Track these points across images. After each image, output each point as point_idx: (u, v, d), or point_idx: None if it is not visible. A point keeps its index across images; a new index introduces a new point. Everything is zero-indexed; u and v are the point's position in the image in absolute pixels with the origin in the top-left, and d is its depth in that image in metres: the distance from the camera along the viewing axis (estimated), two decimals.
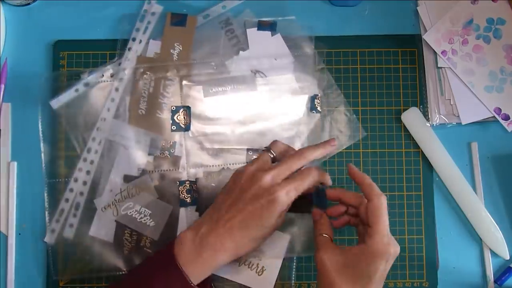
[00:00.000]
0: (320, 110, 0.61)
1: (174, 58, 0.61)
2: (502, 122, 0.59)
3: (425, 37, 0.61)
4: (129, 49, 0.61)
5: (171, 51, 0.61)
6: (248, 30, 0.62)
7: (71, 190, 0.60)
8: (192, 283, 0.48)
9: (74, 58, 0.63)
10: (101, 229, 0.59)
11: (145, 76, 0.61)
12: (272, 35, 0.62)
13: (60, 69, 0.63)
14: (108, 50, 0.62)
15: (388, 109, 0.63)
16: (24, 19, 0.65)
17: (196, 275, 0.48)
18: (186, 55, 0.61)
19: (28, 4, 0.65)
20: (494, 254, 0.60)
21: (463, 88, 0.61)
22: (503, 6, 0.62)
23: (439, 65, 0.61)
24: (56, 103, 0.61)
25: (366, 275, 0.46)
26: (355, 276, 0.46)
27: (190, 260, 0.48)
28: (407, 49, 0.64)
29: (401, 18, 0.64)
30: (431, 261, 0.61)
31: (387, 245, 0.47)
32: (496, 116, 0.60)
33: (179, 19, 0.62)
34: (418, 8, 0.63)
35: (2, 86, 0.63)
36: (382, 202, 0.48)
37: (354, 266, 0.47)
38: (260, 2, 0.64)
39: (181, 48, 0.61)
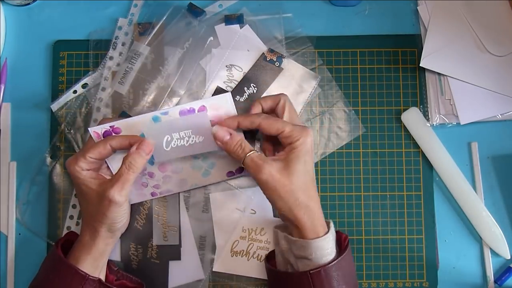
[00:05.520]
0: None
1: (148, 67, 0.61)
2: None
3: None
4: (111, 57, 0.62)
5: (145, 61, 0.61)
6: (216, 27, 0.62)
7: (74, 206, 0.61)
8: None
9: (74, 58, 0.63)
10: None
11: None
12: (240, 27, 0.62)
13: (60, 70, 0.63)
14: (108, 50, 0.62)
15: (388, 109, 0.63)
16: (24, 19, 0.65)
17: None
18: (158, 62, 0.61)
19: (28, 4, 0.65)
20: (494, 254, 0.60)
21: (462, 88, 0.61)
22: (503, 6, 0.62)
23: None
24: (55, 104, 0.61)
25: (307, 160, 0.51)
26: (301, 169, 0.50)
27: None
28: (407, 49, 0.64)
29: (401, 18, 0.64)
30: (431, 261, 0.61)
31: (304, 127, 0.51)
32: None
33: (146, 28, 0.62)
34: (418, 8, 0.63)
35: (2, 86, 0.63)
36: (285, 98, 0.54)
37: (295, 160, 0.50)
38: (258, 2, 0.64)
39: (153, 56, 0.61)
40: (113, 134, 0.53)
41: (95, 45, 0.63)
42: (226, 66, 0.61)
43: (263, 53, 0.61)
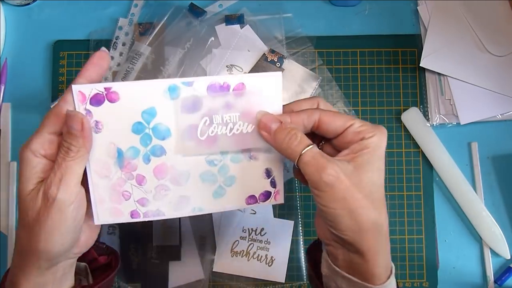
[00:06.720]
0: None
1: (148, 67, 0.61)
2: None
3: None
4: (111, 57, 0.62)
5: (145, 60, 0.61)
6: (216, 27, 0.62)
7: None
8: None
9: (74, 58, 0.63)
10: None
11: None
12: (241, 27, 0.62)
13: (60, 70, 0.63)
14: (108, 50, 0.62)
15: (388, 109, 0.63)
16: (24, 19, 0.65)
17: None
18: (159, 62, 0.61)
19: (28, 4, 0.65)
20: (494, 254, 0.60)
21: (462, 88, 0.61)
22: (503, 6, 0.62)
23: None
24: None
25: (381, 168, 0.37)
26: (374, 178, 0.37)
27: None
28: (407, 49, 0.64)
29: (401, 18, 0.64)
30: (431, 261, 0.61)
31: (378, 125, 0.38)
32: None
33: (146, 28, 0.62)
34: (418, 8, 0.63)
35: (2, 86, 0.63)
36: (322, 99, 0.41)
37: (367, 166, 0.37)
38: (258, 2, 0.64)
39: (154, 57, 0.61)
40: (107, 101, 0.37)
41: (95, 45, 0.63)
42: (227, 66, 0.61)
43: (264, 54, 0.61)
